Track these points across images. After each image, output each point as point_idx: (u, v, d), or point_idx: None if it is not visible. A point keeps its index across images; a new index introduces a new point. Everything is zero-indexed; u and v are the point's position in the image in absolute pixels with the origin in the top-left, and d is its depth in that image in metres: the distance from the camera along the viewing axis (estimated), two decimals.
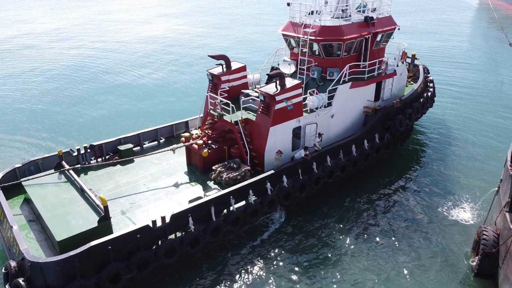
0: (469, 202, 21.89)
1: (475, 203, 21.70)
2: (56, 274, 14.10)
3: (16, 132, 30.32)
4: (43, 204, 17.02)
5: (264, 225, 20.16)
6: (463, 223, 20.26)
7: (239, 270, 17.50)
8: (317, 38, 22.64)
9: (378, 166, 25.09)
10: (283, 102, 20.40)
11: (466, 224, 20.20)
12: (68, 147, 21.97)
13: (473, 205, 21.58)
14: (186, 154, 22.12)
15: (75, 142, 27.70)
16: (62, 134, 29.83)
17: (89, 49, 54.62)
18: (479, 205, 21.47)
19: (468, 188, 23.18)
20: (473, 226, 19.93)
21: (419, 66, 30.53)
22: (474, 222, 20.31)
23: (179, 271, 17.28)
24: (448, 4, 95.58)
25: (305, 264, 17.81)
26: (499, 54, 52.16)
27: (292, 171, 20.46)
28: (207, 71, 23.80)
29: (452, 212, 21.06)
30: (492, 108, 34.39)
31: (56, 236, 15.13)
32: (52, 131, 30.46)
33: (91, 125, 31.51)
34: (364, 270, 17.44)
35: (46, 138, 29.42)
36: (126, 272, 15.18)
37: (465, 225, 20.10)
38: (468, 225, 20.08)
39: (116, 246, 15.07)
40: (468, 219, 20.54)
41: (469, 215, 20.84)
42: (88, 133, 29.73)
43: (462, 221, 20.45)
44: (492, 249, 15.81)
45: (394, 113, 24.65)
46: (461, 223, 20.30)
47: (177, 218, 16.61)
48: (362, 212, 21.26)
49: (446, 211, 21.17)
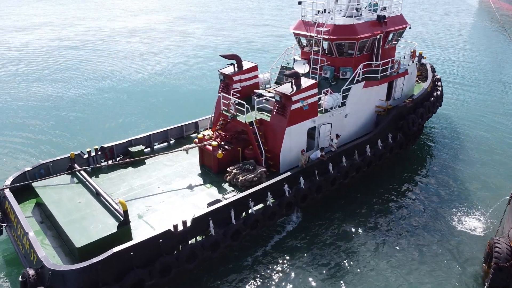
0: (479, 210, 21.16)
1: (485, 211, 20.97)
2: (78, 282, 13.63)
3: (25, 135, 29.58)
4: (58, 209, 16.50)
5: (281, 227, 19.86)
6: (473, 233, 19.53)
7: (256, 272, 17.24)
8: (331, 37, 22.37)
9: (387, 169, 24.61)
10: (299, 102, 20.10)
11: (476, 234, 19.45)
12: (76, 150, 21.34)
13: (483, 213, 20.87)
14: (199, 155, 21.70)
15: (82, 144, 27.10)
16: (70, 137, 29.20)
17: (97, 51, 53.77)
18: (490, 214, 20.70)
19: (477, 195, 22.46)
20: (483, 236, 19.25)
21: (426, 65, 30.43)
22: (484, 232, 19.58)
23: (197, 275, 16.93)
24: (448, 3, 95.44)
25: (321, 265, 17.63)
26: (504, 54, 51.87)
27: (308, 172, 20.18)
28: (219, 71, 23.39)
29: (461, 221, 20.36)
30: (506, 110, 33.89)
31: (75, 242, 14.64)
32: (59, 134, 29.72)
33: (98, 128, 30.89)
34: (372, 277, 17.12)
35: (53, 141, 28.71)
36: (149, 278, 14.76)
37: (475, 235, 19.36)
38: (478, 235, 19.33)
39: (138, 252, 14.64)
40: (478, 229, 19.79)
41: (479, 225, 20.07)
42: (96, 136, 29.17)
43: (471, 230, 19.72)
44: (506, 263, 15.22)
45: (406, 113, 24.50)
46: (471, 233, 19.58)
47: (198, 222, 16.22)
48: (373, 216, 20.84)
49: (454, 220, 20.46)
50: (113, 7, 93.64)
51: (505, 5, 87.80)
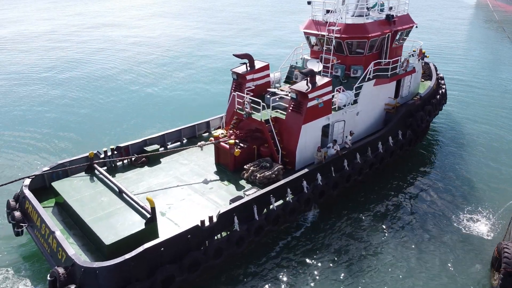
0: (485, 213, 20.91)
1: (492, 215, 20.72)
2: (111, 279, 13.65)
3: (40, 136, 29.59)
4: (82, 208, 16.46)
5: (299, 224, 20.08)
6: (480, 237, 19.26)
7: (276, 268, 17.46)
8: (342, 35, 22.73)
9: (392, 171, 24.50)
10: (315, 100, 20.38)
11: (483, 238, 19.19)
12: (91, 150, 21.27)
13: (490, 217, 20.61)
14: (215, 153, 21.81)
15: (97, 144, 27.08)
16: (86, 137, 29.37)
17: (108, 52, 53.86)
18: (497, 217, 20.46)
19: (483, 197, 22.25)
20: (490, 240, 18.99)
21: (429, 64, 31.02)
22: (491, 236, 19.29)
23: (220, 271, 17.06)
24: (445, 3, 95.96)
25: (340, 261, 17.94)
26: (505, 56, 52.30)
27: (325, 169, 20.45)
28: (231, 70, 23.58)
29: (467, 224, 20.13)
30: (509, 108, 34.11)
31: (104, 240, 14.64)
32: (74, 135, 29.85)
33: (112, 128, 30.98)
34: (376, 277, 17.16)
35: (70, 141, 28.88)
36: (179, 274, 14.83)
37: (482, 239, 19.11)
38: (484, 239, 19.08)
39: (168, 248, 14.71)
40: (485, 233, 19.51)
41: (485, 228, 19.81)
42: (110, 136, 29.38)
43: (478, 234, 19.45)
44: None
45: (415, 110, 24.96)
46: (477, 236, 19.30)
47: (223, 218, 16.35)
48: (378, 216, 20.92)
49: (460, 223, 20.24)
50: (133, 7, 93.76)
51: (502, 4, 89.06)
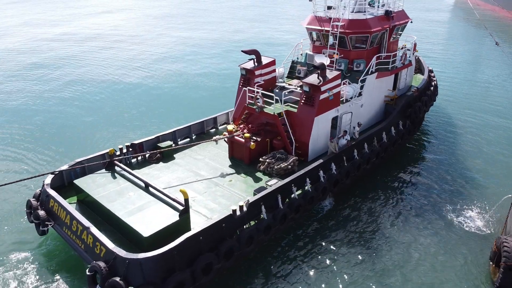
0: (481, 208, 21.16)
1: (488, 209, 20.95)
2: (156, 270, 13.91)
3: (55, 136, 29.59)
4: (111, 203, 16.56)
5: (317, 212, 20.85)
6: (476, 232, 19.44)
7: (298, 257, 18.04)
8: (346, 30, 23.66)
9: (383, 168, 24.79)
10: (326, 92, 21.18)
11: (479, 233, 19.37)
12: (107, 148, 21.32)
13: (486, 211, 20.85)
14: (229, 148, 22.24)
15: (110, 143, 27.40)
16: (101, 135, 29.45)
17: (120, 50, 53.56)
18: (492, 212, 20.64)
19: (477, 192, 22.57)
20: (487, 235, 19.17)
21: (419, 58, 32.50)
22: (488, 230, 19.47)
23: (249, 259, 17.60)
24: (424, 2, 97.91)
25: (357, 249, 18.57)
26: (488, 52, 53.69)
27: (338, 159, 21.29)
28: (240, 66, 24.07)
29: (463, 219, 20.36)
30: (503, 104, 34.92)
31: (142, 232, 14.85)
32: (90, 133, 29.87)
33: (124, 125, 31.16)
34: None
35: (86, 139, 28.96)
36: (217, 261, 15.26)
37: (478, 234, 19.29)
38: (481, 234, 19.27)
39: (206, 237, 15.11)
40: (481, 228, 19.70)
41: (481, 223, 20.00)
42: (122, 133, 29.55)
43: (474, 229, 19.63)
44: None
45: (414, 101, 26.23)
46: (474, 231, 19.48)
47: (252, 207, 16.87)
48: (380, 206, 21.55)
49: (456, 218, 20.45)
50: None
51: (482, 3, 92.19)
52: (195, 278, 14.72)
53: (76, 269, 16.78)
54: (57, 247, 18.12)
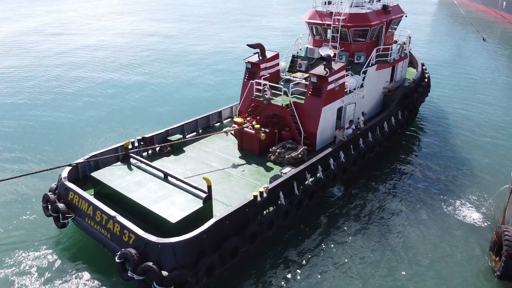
0: (478, 198, 21.34)
1: (485, 200, 21.15)
2: (188, 253, 14.24)
3: (68, 130, 30.09)
4: (133, 193, 16.76)
5: (329, 199, 21.55)
6: (475, 222, 19.58)
7: (315, 242, 18.59)
8: (347, 24, 24.46)
9: (381, 160, 25.22)
10: (333, 83, 21.89)
11: (478, 223, 19.51)
12: (120, 141, 21.46)
13: (483, 202, 21.04)
14: (238, 139, 22.66)
15: (123, 136, 27.74)
16: (113, 129, 29.96)
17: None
18: (490, 202, 20.89)
19: (474, 183, 22.82)
20: (486, 225, 19.34)
21: (411, 51, 33.65)
22: (487, 221, 19.62)
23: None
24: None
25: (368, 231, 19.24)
26: (474, 48, 55.11)
27: (346, 147, 22.03)
28: (245, 60, 24.56)
29: (463, 209, 20.50)
30: (494, 97, 35.97)
31: (169, 219, 15.13)
32: (104, 126, 30.33)
33: (135, 120, 31.59)
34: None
35: (100, 132, 29.43)
36: (242, 245, 15.68)
37: (477, 225, 19.42)
38: (480, 225, 19.40)
39: (231, 221, 15.52)
40: (480, 218, 19.87)
41: (480, 214, 20.17)
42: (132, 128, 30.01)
43: (473, 220, 19.77)
44: None
45: (411, 92, 27.26)
46: (472, 222, 19.61)
47: (272, 192, 17.36)
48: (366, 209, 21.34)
49: (454, 209, 20.66)
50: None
51: (465, 1, 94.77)
52: (224, 261, 15.11)
53: (98, 260, 16.90)
54: (75, 240, 18.16)
